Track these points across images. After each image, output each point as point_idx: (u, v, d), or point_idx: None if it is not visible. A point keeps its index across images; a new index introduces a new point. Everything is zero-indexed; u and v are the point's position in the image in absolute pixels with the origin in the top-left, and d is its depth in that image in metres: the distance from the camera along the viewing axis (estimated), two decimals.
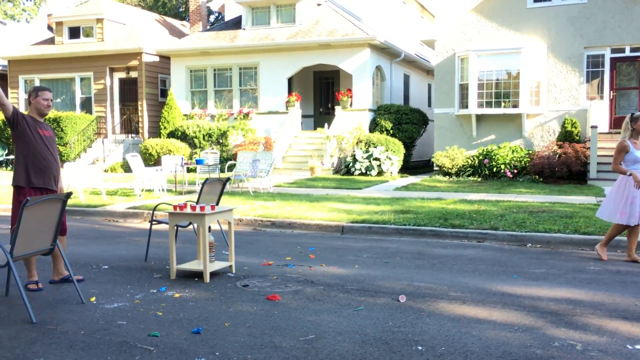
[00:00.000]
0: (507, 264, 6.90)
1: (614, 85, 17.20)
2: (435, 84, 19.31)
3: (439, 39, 18.89)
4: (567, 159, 15.48)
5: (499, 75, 17.69)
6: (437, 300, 5.19)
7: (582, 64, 17.19)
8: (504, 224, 9.05)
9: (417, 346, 4.04)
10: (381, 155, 17.92)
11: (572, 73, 17.25)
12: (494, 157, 16.92)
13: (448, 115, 18.77)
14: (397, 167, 18.32)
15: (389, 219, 9.64)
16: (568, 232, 8.38)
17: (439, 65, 18.94)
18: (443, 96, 18.86)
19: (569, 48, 17.23)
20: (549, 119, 17.59)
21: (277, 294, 5.36)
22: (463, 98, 18.24)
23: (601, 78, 17.17)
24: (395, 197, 12.63)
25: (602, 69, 17.13)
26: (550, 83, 17.51)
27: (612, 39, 16.83)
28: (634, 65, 17.02)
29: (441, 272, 6.39)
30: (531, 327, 4.44)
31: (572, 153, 15.56)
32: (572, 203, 11.41)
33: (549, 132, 17.59)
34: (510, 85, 17.52)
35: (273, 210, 10.67)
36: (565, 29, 17.23)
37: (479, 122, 18.24)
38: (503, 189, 14.36)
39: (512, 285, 5.79)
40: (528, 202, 11.53)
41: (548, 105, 17.55)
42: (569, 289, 5.62)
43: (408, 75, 24.10)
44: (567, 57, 17.27)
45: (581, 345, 4.03)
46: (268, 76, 21.04)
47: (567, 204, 11.31)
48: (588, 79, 17.31)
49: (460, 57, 18.23)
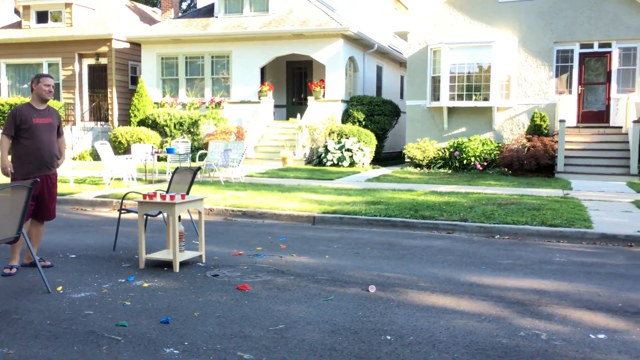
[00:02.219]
0: (475, 255, 6.99)
1: (582, 80, 17.52)
2: (408, 76, 19.40)
3: (412, 31, 18.96)
4: (536, 152, 15.74)
5: (471, 68, 17.85)
6: (406, 291, 5.24)
7: (551, 58, 17.46)
8: (473, 215, 9.17)
9: (386, 336, 4.08)
10: (353, 146, 17.97)
11: (542, 67, 17.52)
12: (465, 150, 17.11)
13: (420, 107, 18.90)
14: (369, 158, 18.40)
15: (360, 209, 9.68)
16: (535, 224, 8.53)
17: (412, 57, 19.03)
18: (415, 88, 18.97)
19: (539, 42, 17.47)
20: (518, 112, 17.85)
21: (248, 284, 5.35)
22: (435, 90, 18.37)
23: (570, 73, 17.48)
24: (366, 188, 12.68)
25: (571, 64, 17.43)
26: (520, 77, 17.75)
27: (581, 34, 17.12)
28: (601, 60, 17.36)
29: (411, 263, 6.45)
30: (498, 316, 4.52)
31: (541, 146, 15.82)
32: (540, 195, 11.61)
33: (518, 125, 17.85)
34: (482, 79, 17.70)
35: (244, 200, 10.62)
36: (536, 23, 17.46)
37: (450, 114, 18.41)
38: (473, 181, 14.54)
39: (480, 275, 5.88)
40: (497, 195, 11.70)
41: (518, 99, 17.80)
42: (535, 279, 5.73)
43: (381, 66, 24.16)
44: (537, 52, 17.52)
45: (546, 334, 4.12)
46: (241, 65, 20.87)
47: (535, 196, 11.51)
48: (557, 74, 17.59)
49: (432, 49, 18.34)
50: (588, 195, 11.90)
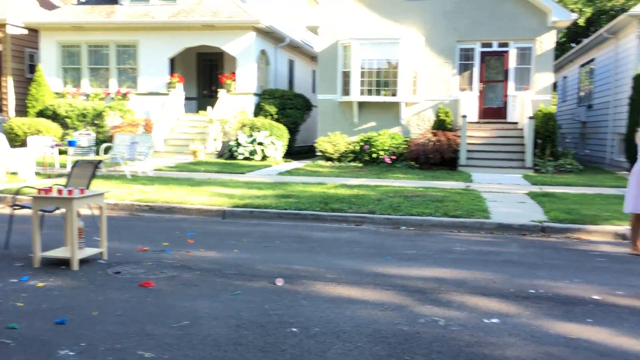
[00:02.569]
0: (382, 246, 7.18)
1: (482, 78, 18.39)
2: (319, 71, 19.56)
3: (323, 26, 19.11)
4: (440, 147, 16.36)
5: (380, 64, 18.25)
6: (313, 283, 5.29)
7: (454, 56, 18.20)
8: (380, 207, 9.40)
9: (292, 328, 4.10)
10: (265, 140, 17.90)
11: (446, 65, 18.21)
12: (374, 144, 17.50)
13: (331, 102, 19.11)
14: (281, 152, 18.40)
15: (271, 203, 9.67)
16: (438, 215, 8.87)
17: (323, 52, 19.19)
18: (326, 83, 19.16)
19: (443, 41, 18.15)
20: (425, 107, 18.47)
21: (151, 281, 5.20)
22: (345, 85, 18.64)
23: (471, 71, 18.29)
24: (278, 182, 12.68)
25: (472, 62, 18.24)
26: (426, 74, 18.36)
27: (481, 33, 17.95)
28: (501, 59, 18.28)
29: (319, 255, 6.52)
30: (400, 305, 4.67)
31: (445, 141, 16.46)
32: (444, 188, 12.09)
33: (424, 120, 18.48)
34: (390, 75, 18.15)
35: (152, 194, 10.31)
36: (440, 22, 18.12)
37: (361, 109, 18.76)
38: (382, 174, 14.90)
39: (385, 266, 6.04)
40: (404, 187, 12.07)
41: (424, 95, 18.41)
42: (437, 268, 5.96)
43: (293, 60, 24.20)
44: (441, 50, 18.19)
45: (444, 320, 4.30)
46: (148, 55, 20.19)
47: (439, 188, 11.97)
48: (460, 71, 18.36)
49: (343, 44, 18.58)
50: (487, 187, 12.52)
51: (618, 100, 18.23)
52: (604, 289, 5.22)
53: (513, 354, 3.69)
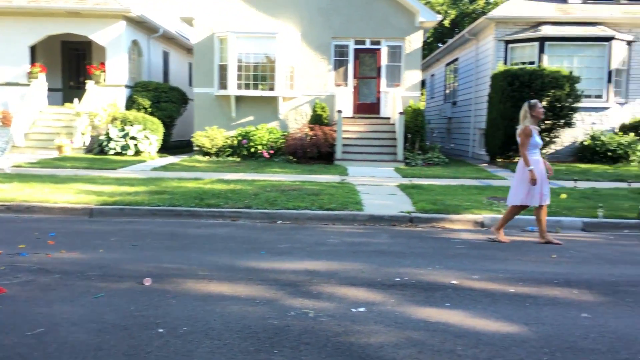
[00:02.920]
0: (257, 240, 7.17)
1: (357, 74, 18.96)
2: (195, 63, 19.12)
3: (197, 17, 18.69)
4: (317, 141, 16.67)
5: (257, 58, 18.20)
6: (184, 281, 5.16)
7: (330, 52, 18.59)
8: (257, 202, 9.38)
9: (159, 329, 3.97)
10: (138, 134, 17.20)
11: (322, 61, 18.56)
12: (252, 138, 17.44)
13: (208, 95, 18.77)
14: (155, 146, 17.78)
15: (143, 200, 9.32)
16: (314, 209, 9.02)
17: (199, 45, 18.78)
18: (203, 76, 18.78)
19: (319, 37, 18.47)
20: (302, 102, 18.70)
21: (3, 287, 4.79)
22: (222, 79, 18.39)
23: (346, 67, 18.80)
24: (151, 178, 12.24)
25: (347, 59, 18.75)
26: (303, 69, 18.59)
27: (355, 31, 18.49)
28: (374, 57, 18.94)
29: (192, 252, 6.37)
30: (271, 299, 4.68)
31: (322, 135, 16.79)
32: (320, 181, 12.32)
33: (302, 115, 18.71)
34: (268, 69, 18.16)
35: (9, 192, 9.52)
36: (316, 18, 18.42)
37: (239, 103, 18.60)
38: (260, 168, 14.90)
39: (259, 261, 6.03)
40: (281, 181, 12.14)
41: (301, 90, 18.63)
42: (309, 261, 6.05)
43: (168, 52, 23.44)
44: (317, 46, 18.50)
45: (314, 312, 4.37)
46: (5, 42, 18.60)
47: (316, 182, 12.18)
48: (336, 67, 18.80)
49: (219, 37, 18.30)
50: (362, 180, 12.95)
51: (479, 97, 19.61)
52: (461, 274, 5.58)
53: (377, 340, 3.84)
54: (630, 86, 17.82)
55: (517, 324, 4.21)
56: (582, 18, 17.47)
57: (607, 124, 17.43)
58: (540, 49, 17.21)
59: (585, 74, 17.11)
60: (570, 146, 17.31)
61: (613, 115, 17.43)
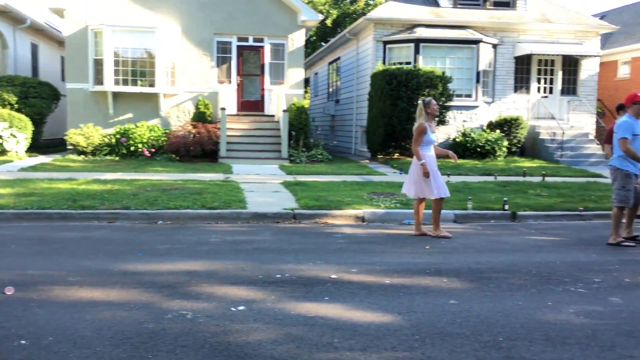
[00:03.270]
0: (135, 242, 6.91)
1: (240, 71, 18.81)
2: (68, 57, 18.00)
3: (69, 8, 17.60)
4: (201, 139, 16.35)
5: (136, 53, 17.50)
6: (51, 288, 4.84)
7: (212, 49, 18.29)
8: (136, 202, 9.04)
9: (21, 340, 3.69)
10: (4, 132, 15.91)
11: (205, 57, 18.21)
12: (132, 136, 16.75)
13: (82, 91, 17.76)
14: (24, 145, 16.53)
15: (9, 203, 8.66)
16: (196, 208, 8.85)
17: (71, 37, 17.71)
18: (76, 71, 17.73)
19: (200, 33, 18.10)
20: (184, 99, 18.25)
21: None
22: (98, 74, 17.48)
23: (229, 64, 18.59)
24: (19, 179, 11.39)
25: (230, 55, 18.54)
26: (185, 65, 18.14)
27: (237, 28, 18.33)
28: (257, 54, 18.89)
29: (62, 257, 6.01)
30: (147, 302, 4.52)
31: (205, 133, 16.49)
32: (203, 180, 12.10)
33: (184, 112, 18.26)
34: (147, 64, 17.52)
35: None
36: (197, 14, 18.03)
37: (116, 99, 17.78)
38: (140, 167, 14.35)
39: (136, 263, 5.81)
40: (163, 180, 11.78)
41: (183, 87, 18.17)
42: (190, 261, 5.92)
43: (37, 45, 21.88)
44: (199, 42, 18.13)
45: (192, 313, 4.28)
46: None
47: (199, 181, 11.94)
48: (219, 64, 18.52)
49: (94, 30, 17.36)
50: (246, 178, 12.88)
51: (360, 96, 20.22)
52: (341, 268, 5.72)
53: (256, 338, 3.83)
54: (496, 86, 19.20)
55: (391, 313, 4.39)
56: (453, 22, 18.54)
57: (476, 122, 18.65)
58: (416, 50, 18.06)
59: (456, 74, 18.19)
60: (444, 143, 18.32)
61: (482, 114, 18.69)
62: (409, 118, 16.62)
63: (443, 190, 7.61)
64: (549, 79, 19.69)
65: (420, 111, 7.62)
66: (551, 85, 19.70)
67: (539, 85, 19.66)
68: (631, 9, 26.79)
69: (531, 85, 19.52)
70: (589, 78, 19.75)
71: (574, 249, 7.00)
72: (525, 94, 19.47)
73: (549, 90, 19.68)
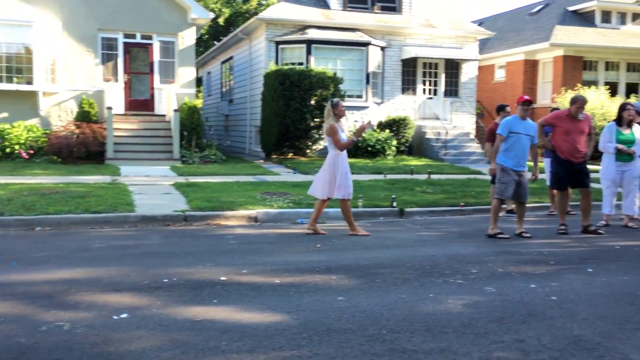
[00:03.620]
0: (9, 251, 6.44)
1: (127, 69, 18.08)
2: None
3: None
4: (85, 139, 15.53)
5: (12, 49, 16.36)
6: None
7: (97, 45, 17.43)
8: (11, 208, 8.45)
9: None
10: None
11: (88, 54, 17.32)
12: (8, 137, 15.60)
13: None
14: None
15: None
16: (79, 212, 8.41)
17: None
18: None
19: (83, 28, 17.18)
20: (66, 98, 17.25)
21: None
22: None
23: (115, 61, 17.80)
24: None
25: (116, 52, 17.76)
26: (66, 62, 17.15)
27: (124, 24, 17.60)
28: (146, 52, 18.25)
29: None
30: (20, 315, 4.22)
31: (90, 133, 15.69)
32: (88, 183, 11.51)
33: (67, 111, 17.26)
34: (24, 61, 16.40)
35: None
36: (79, 8, 17.10)
37: None
38: (17, 170, 13.39)
39: (8, 273, 5.40)
40: (42, 184, 11.08)
41: (65, 85, 17.17)
42: (69, 269, 5.60)
43: None
44: (81, 37, 17.20)
45: (69, 324, 4.04)
46: None
47: (83, 184, 11.35)
48: (104, 61, 17.69)
49: None
50: (135, 180, 12.40)
51: (253, 95, 20.15)
52: (231, 270, 5.66)
53: (139, 346, 3.69)
54: (385, 88, 19.88)
55: (280, 313, 4.40)
56: (343, 24, 18.95)
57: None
58: (308, 51, 18.27)
59: (348, 75, 18.61)
60: None
61: (372, 114, 19.25)
62: (302, 118, 16.82)
63: (350, 191, 7.76)
64: (434, 81, 20.69)
65: (329, 112, 7.71)
66: (435, 87, 20.71)
67: (424, 87, 20.59)
68: (505, 17, 28.83)
69: (417, 87, 20.40)
70: (469, 81, 20.98)
71: (455, 243, 7.39)
72: (412, 95, 20.32)
73: (434, 92, 20.69)
